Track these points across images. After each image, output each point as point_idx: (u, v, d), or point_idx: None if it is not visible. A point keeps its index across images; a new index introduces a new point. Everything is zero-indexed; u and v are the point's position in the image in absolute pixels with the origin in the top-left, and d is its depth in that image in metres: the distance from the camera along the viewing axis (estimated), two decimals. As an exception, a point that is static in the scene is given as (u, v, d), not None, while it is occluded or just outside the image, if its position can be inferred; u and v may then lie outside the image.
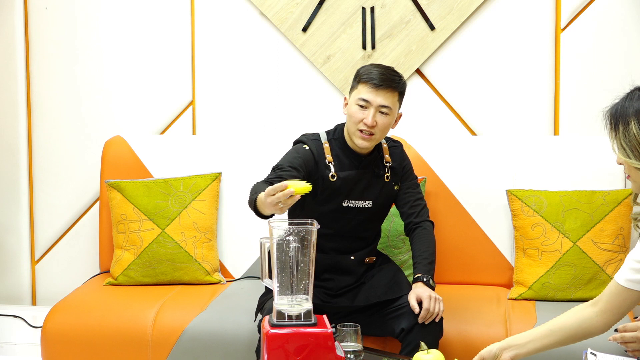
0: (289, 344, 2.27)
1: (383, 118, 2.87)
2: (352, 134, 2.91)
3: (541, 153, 3.52)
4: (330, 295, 2.95)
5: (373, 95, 2.85)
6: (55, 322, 3.20)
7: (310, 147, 2.93)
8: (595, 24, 3.64)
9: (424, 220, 3.03)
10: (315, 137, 2.98)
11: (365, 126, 2.86)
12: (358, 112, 2.87)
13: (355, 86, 2.91)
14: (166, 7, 3.90)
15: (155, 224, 3.50)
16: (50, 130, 3.99)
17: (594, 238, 3.28)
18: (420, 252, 2.96)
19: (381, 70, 2.88)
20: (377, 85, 2.85)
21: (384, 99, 2.86)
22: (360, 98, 2.87)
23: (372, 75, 2.86)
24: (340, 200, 2.93)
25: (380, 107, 2.86)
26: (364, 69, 2.91)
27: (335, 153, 2.96)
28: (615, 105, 2.23)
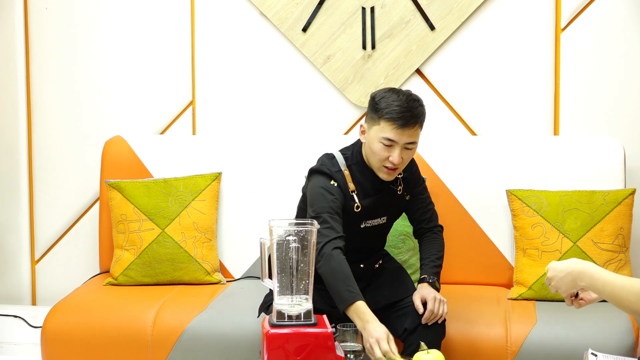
0: (289, 344, 2.27)
1: (408, 153, 2.79)
2: (376, 169, 2.82)
3: (541, 153, 3.52)
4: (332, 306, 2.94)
5: (398, 136, 2.73)
6: (55, 322, 3.20)
7: (337, 181, 2.83)
8: (595, 24, 3.64)
9: (435, 225, 3.04)
10: (336, 167, 2.86)
11: (392, 164, 2.78)
12: (383, 150, 2.76)
13: (377, 121, 2.76)
14: (166, 7, 3.90)
15: (155, 224, 3.50)
16: (50, 130, 3.99)
17: (594, 238, 3.28)
18: (428, 254, 2.97)
19: (402, 104, 2.73)
20: (402, 125, 2.73)
21: (409, 137, 2.75)
22: (385, 137, 2.74)
23: (395, 115, 2.71)
24: (359, 223, 2.90)
25: (406, 145, 2.77)
26: (384, 102, 2.75)
27: (357, 180, 2.87)
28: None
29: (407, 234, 3.36)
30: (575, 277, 2.25)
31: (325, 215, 2.74)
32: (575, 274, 2.25)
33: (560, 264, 2.29)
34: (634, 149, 3.62)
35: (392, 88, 2.82)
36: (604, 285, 2.20)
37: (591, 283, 2.22)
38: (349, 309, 2.60)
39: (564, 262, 2.30)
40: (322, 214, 2.74)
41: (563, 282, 2.27)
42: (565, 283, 2.27)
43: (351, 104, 3.80)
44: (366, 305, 2.61)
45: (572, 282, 2.26)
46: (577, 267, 2.25)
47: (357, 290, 2.64)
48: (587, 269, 2.24)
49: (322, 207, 2.76)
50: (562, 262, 2.30)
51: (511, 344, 2.96)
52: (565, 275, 2.26)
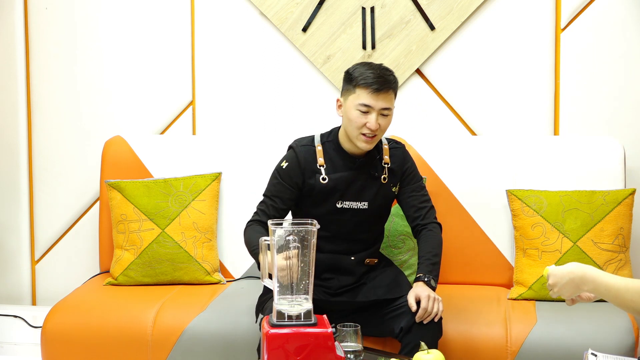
0: (289, 344, 2.27)
1: (385, 119, 2.89)
2: (354, 138, 2.90)
3: (541, 153, 3.52)
4: (330, 294, 2.95)
5: (374, 100, 2.85)
6: (55, 322, 3.20)
7: (297, 154, 2.96)
8: (595, 24, 3.64)
9: (431, 222, 3.03)
10: (308, 142, 3.01)
11: (369, 130, 2.86)
12: (360, 117, 2.86)
13: (352, 90, 2.89)
14: (166, 7, 3.90)
15: (155, 224, 3.50)
16: (50, 130, 3.99)
17: (594, 238, 3.28)
18: (424, 252, 2.96)
19: (376, 72, 2.87)
20: (377, 90, 2.84)
21: (385, 102, 2.87)
22: (361, 104, 2.85)
23: (369, 80, 2.85)
24: (334, 201, 2.94)
25: (382, 110, 2.87)
26: (358, 72, 2.89)
27: (329, 156, 2.97)
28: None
29: (407, 234, 3.36)
30: (577, 282, 2.27)
31: (263, 197, 3.01)
32: (577, 279, 2.27)
33: (560, 270, 2.31)
34: (634, 149, 3.62)
35: (364, 62, 2.96)
36: (607, 289, 2.22)
37: (594, 288, 2.24)
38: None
39: (564, 268, 2.31)
40: (263, 198, 3.01)
41: (566, 288, 2.30)
42: (569, 289, 2.29)
43: (351, 104, 3.80)
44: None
45: (576, 287, 2.28)
46: (578, 272, 2.27)
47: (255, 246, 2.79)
48: (588, 274, 2.25)
49: (266, 191, 3.02)
50: (563, 268, 2.31)
51: (511, 344, 2.96)
52: (567, 282, 2.28)
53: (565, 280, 2.28)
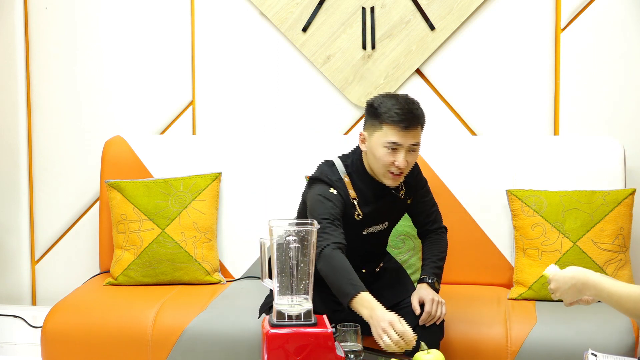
0: (289, 344, 2.27)
1: (413, 155, 2.77)
2: (380, 175, 2.79)
3: (541, 153, 3.52)
4: (339, 302, 2.93)
5: (403, 139, 2.71)
6: (55, 322, 3.20)
7: (337, 189, 2.80)
8: (595, 24, 3.64)
9: (439, 226, 3.04)
10: (336, 175, 2.83)
11: (397, 168, 2.75)
12: (387, 155, 2.73)
13: (378, 126, 2.73)
14: (166, 7, 3.89)
15: (155, 224, 3.50)
16: (50, 130, 3.99)
17: (594, 238, 3.28)
18: (429, 254, 2.97)
19: (402, 106, 2.72)
20: (406, 127, 2.71)
21: (413, 138, 2.74)
22: (390, 142, 2.72)
23: (397, 117, 2.70)
24: (361, 230, 2.88)
25: (411, 146, 2.75)
26: (384, 107, 2.73)
27: (358, 187, 2.84)
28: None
29: (407, 234, 3.36)
30: (580, 288, 2.29)
31: (325, 222, 2.72)
32: (579, 285, 2.29)
33: (562, 275, 2.32)
34: (634, 149, 3.62)
35: (387, 93, 2.81)
36: (609, 295, 2.24)
37: (597, 294, 2.27)
38: (353, 301, 2.56)
39: (566, 273, 2.32)
40: (323, 221, 2.72)
41: (568, 293, 2.32)
42: (571, 294, 2.32)
43: (351, 104, 3.80)
44: (371, 295, 2.58)
45: (578, 292, 2.31)
46: (580, 277, 2.29)
47: (360, 283, 2.61)
48: (590, 280, 2.27)
49: (322, 214, 2.74)
50: (565, 273, 2.32)
51: (511, 344, 2.96)
52: (570, 287, 2.30)
53: (567, 285, 2.30)
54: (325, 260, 2.65)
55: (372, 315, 2.51)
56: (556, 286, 2.32)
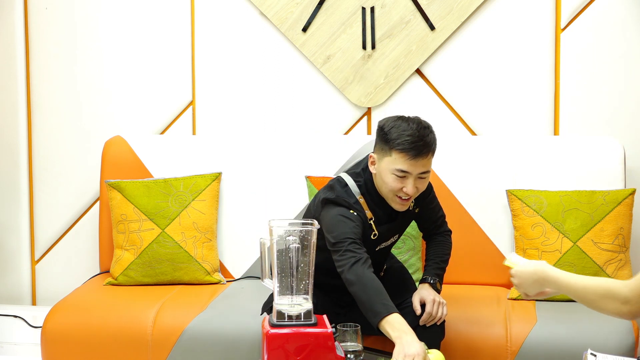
0: (289, 344, 2.27)
1: (422, 182, 2.74)
2: (388, 199, 2.76)
3: (541, 153, 3.52)
4: (341, 305, 2.93)
5: (412, 167, 2.67)
6: (55, 322, 3.20)
7: (357, 212, 2.76)
8: (595, 24, 3.64)
9: (445, 230, 3.04)
10: (352, 197, 2.78)
11: (406, 194, 2.72)
12: (396, 182, 2.70)
13: (387, 152, 2.69)
14: (166, 7, 3.89)
15: (155, 224, 3.50)
16: (50, 130, 3.99)
17: (594, 238, 3.28)
18: (433, 255, 2.97)
19: (413, 132, 2.66)
20: (415, 156, 2.66)
21: (423, 166, 2.70)
22: (398, 169, 2.68)
23: (407, 145, 2.65)
24: (374, 248, 2.87)
25: (420, 174, 2.71)
26: (395, 133, 2.67)
27: (372, 208, 2.82)
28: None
29: (407, 234, 3.36)
30: (541, 282, 2.36)
31: (348, 240, 2.68)
32: (540, 280, 2.35)
33: (524, 270, 2.39)
34: (634, 149, 3.62)
35: (400, 116, 2.74)
36: (568, 289, 2.29)
37: (557, 288, 2.33)
38: (384, 321, 2.54)
39: (527, 268, 2.39)
40: (346, 239, 2.68)
41: (532, 287, 2.39)
42: (534, 288, 2.39)
43: (351, 104, 3.80)
44: (402, 318, 2.56)
45: (540, 286, 2.37)
46: (540, 273, 2.35)
47: (392, 304, 2.59)
48: (550, 275, 2.33)
49: (345, 232, 2.69)
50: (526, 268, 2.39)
51: (511, 344, 2.96)
52: (532, 282, 2.37)
53: (530, 280, 2.37)
54: (357, 277, 2.61)
55: (400, 337, 2.49)
56: (519, 281, 2.40)
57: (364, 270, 2.62)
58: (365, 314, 2.60)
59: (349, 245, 2.66)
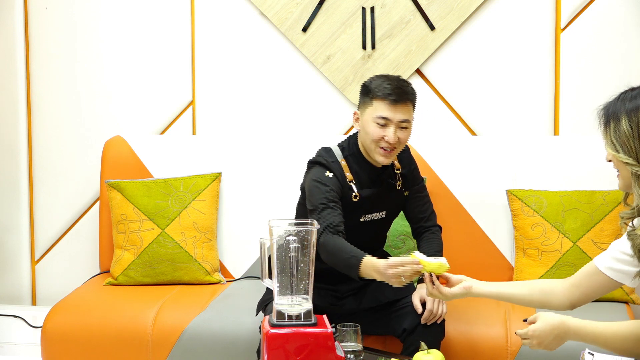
0: (289, 344, 2.27)
1: (404, 132, 2.82)
2: (371, 151, 2.83)
3: (541, 153, 3.52)
4: (337, 297, 2.94)
5: (392, 113, 2.77)
6: (55, 322, 3.20)
7: (333, 171, 2.84)
8: (595, 24, 3.64)
9: (433, 225, 3.04)
10: (333, 158, 2.88)
11: (388, 143, 2.79)
12: (377, 130, 2.79)
13: (369, 102, 2.81)
14: (166, 7, 3.90)
15: (155, 224, 3.50)
16: (50, 130, 3.99)
17: (594, 238, 3.28)
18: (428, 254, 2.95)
19: (393, 83, 2.80)
20: (394, 101, 2.77)
21: (403, 114, 2.79)
22: (379, 116, 2.78)
23: (386, 91, 2.77)
24: (359, 216, 2.89)
25: (400, 123, 2.80)
26: (375, 84, 2.81)
27: (354, 170, 2.88)
28: (607, 104, 2.30)
29: (407, 234, 3.36)
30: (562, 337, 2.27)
31: (320, 207, 2.77)
32: (562, 335, 2.26)
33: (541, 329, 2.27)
34: (634, 149, 3.62)
35: (381, 74, 2.88)
36: (595, 338, 2.23)
37: (581, 339, 2.25)
38: (361, 271, 2.60)
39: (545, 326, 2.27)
40: (318, 206, 2.77)
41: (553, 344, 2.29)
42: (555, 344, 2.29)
43: (351, 104, 3.80)
44: (372, 257, 2.60)
45: (561, 340, 2.28)
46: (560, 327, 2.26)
47: (359, 251, 2.63)
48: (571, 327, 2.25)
49: (317, 199, 2.79)
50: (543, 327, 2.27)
51: (511, 344, 2.96)
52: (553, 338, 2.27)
53: (550, 338, 2.27)
54: (323, 248, 2.69)
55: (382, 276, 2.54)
56: (539, 341, 2.28)
57: (326, 238, 2.69)
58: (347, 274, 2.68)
59: (321, 212, 2.75)
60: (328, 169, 2.84)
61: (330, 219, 2.73)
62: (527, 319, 2.34)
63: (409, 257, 2.49)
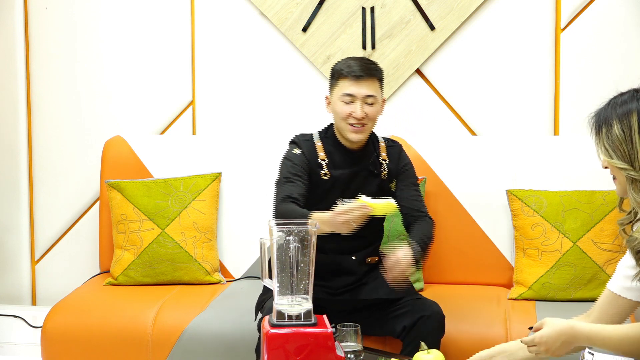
0: (289, 344, 2.27)
1: (370, 108, 2.89)
2: (343, 129, 2.92)
3: (541, 153, 3.52)
4: (331, 293, 2.94)
5: (356, 88, 2.87)
6: (55, 322, 3.20)
7: (302, 148, 2.95)
8: (595, 24, 3.64)
9: (427, 215, 2.99)
10: (308, 138, 3.00)
11: (355, 119, 2.87)
12: (344, 107, 2.88)
13: (335, 83, 2.92)
14: (166, 7, 3.90)
15: (155, 224, 3.50)
16: (50, 130, 3.99)
17: (594, 238, 3.28)
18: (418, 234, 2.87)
19: (357, 61, 2.90)
20: (358, 77, 2.86)
21: (368, 89, 2.88)
22: (344, 93, 2.88)
23: (351, 68, 2.87)
24: (334, 199, 2.88)
25: (366, 98, 2.88)
26: (340, 64, 2.92)
27: (328, 151, 2.96)
28: (598, 111, 2.29)
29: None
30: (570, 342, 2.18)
31: (283, 180, 2.89)
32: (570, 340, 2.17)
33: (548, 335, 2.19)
34: (634, 149, 3.62)
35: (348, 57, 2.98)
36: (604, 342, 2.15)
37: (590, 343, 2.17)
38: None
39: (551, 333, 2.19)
40: (281, 180, 2.90)
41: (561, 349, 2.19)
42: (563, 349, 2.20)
43: (351, 104, 3.80)
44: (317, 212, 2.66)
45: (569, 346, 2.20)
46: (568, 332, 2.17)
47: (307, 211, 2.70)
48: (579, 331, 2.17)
49: (282, 174, 2.91)
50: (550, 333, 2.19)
51: (511, 344, 2.95)
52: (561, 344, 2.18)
53: (558, 343, 2.18)
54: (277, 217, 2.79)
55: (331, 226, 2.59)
56: (547, 347, 2.19)
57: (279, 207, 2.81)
58: None
59: (282, 185, 2.87)
60: (297, 146, 2.96)
61: (288, 191, 2.83)
62: (532, 326, 2.27)
63: (356, 202, 2.55)
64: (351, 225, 2.56)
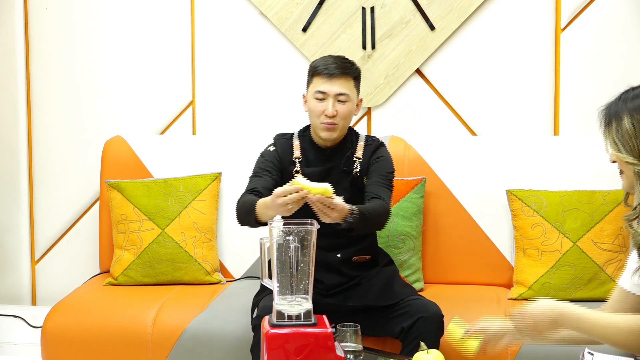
0: (289, 344, 2.27)
1: (342, 106, 2.91)
2: (316, 127, 2.95)
3: (541, 153, 3.52)
4: (322, 295, 2.93)
5: (328, 86, 2.89)
6: (55, 322, 3.20)
7: (276, 146, 3.01)
8: (595, 24, 3.64)
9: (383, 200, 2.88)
10: (287, 137, 3.05)
11: (327, 117, 2.89)
12: (317, 105, 2.91)
13: (310, 80, 2.96)
14: (166, 7, 3.90)
15: (155, 224, 3.50)
16: (50, 130, 3.99)
17: (594, 238, 3.28)
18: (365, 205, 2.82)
19: (332, 59, 2.92)
20: (330, 75, 2.89)
21: (340, 87, 2.89)
22: (317, 91, 2.91)
23: (324, 66, 2.90)
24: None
25: (338, 96, 2.90)
26: (316, 62, 2.95)
27: (304, 150, 3.00)
28: (609, 105, 2.28)
29: (407, 234, 3.36)
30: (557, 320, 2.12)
31: (252, 175, 2.97)
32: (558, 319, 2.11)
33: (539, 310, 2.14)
34: (634, 149, 3.62)
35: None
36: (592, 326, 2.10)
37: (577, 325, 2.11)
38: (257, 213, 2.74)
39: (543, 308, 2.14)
40: (252, 174, 2.98)
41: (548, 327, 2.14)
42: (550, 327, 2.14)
43: (351, 104, 3.80)
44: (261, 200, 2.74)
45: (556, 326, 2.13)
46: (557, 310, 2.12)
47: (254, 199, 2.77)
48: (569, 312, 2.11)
49: (254, 170, 2.99)
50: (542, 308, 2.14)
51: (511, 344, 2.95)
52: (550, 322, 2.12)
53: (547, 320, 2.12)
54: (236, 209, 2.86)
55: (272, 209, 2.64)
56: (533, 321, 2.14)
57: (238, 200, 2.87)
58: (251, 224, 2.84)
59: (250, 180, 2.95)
60: (274, 144, 3.02)
61: (253, 185, 2.91)
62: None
63: (294, 185, 2.57)
64: (289, 209, 2.59)
